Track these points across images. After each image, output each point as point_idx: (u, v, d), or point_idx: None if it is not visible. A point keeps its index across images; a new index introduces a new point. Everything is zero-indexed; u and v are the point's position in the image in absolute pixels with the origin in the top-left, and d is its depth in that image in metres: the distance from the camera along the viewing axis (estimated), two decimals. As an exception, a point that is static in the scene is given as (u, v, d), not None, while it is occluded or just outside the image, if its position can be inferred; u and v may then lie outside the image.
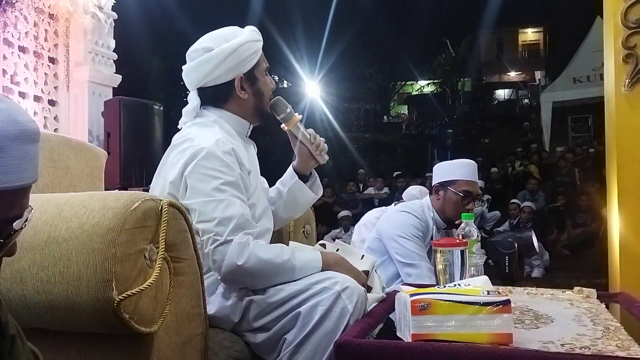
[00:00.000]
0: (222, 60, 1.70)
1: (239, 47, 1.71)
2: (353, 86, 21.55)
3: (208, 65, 1.71)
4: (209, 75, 1.72)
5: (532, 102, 21.99)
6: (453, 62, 23.99)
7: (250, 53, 1.74)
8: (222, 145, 1.63)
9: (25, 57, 5.21)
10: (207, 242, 1.54)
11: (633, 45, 2.21)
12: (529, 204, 7.59)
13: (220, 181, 1.58)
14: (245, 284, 1.59)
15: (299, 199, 1.96)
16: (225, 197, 1.57)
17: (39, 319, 1.30)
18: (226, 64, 1.71)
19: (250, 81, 1.76)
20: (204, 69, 1.72)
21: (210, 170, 1.59)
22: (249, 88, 1.76)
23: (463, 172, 2.51)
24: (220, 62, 1.70)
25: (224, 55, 1.70)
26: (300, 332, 1.52)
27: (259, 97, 1.78)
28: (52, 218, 1.29)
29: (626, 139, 2.22)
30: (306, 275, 1.58)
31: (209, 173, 1.58)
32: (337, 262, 1.66)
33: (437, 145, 14.80)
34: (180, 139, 1.71)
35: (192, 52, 1.76)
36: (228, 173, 1.60)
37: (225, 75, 1.73)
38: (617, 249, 2.22)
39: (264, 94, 1.79)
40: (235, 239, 1.52)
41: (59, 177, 1.87)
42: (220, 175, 1.59)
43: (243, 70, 1.74)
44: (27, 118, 0.83)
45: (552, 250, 7.35)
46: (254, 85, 1.77)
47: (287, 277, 1.57)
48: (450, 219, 2.50)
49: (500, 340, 1.24)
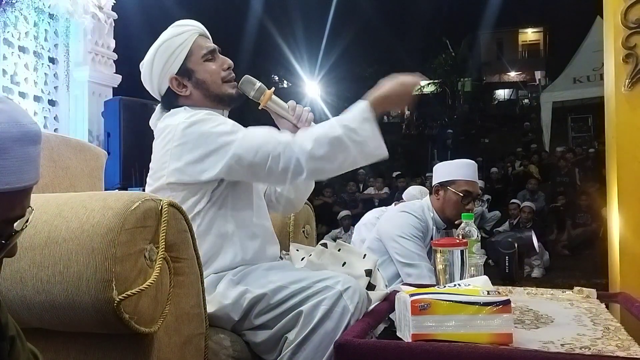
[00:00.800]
0: (150, 70, 1.73)
1: (157, 52, 1.71)
2: (353, 86, 21.50)
3: (145, 78, 1.76)
4: (152, 87, 1.76)
5: (532, 102, 21.99)
6: (453, 62, 23.97)
7: (171, 51, 1.71)
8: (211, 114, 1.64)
9: (25, 57, 5.22)
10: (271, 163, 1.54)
11: (633, 45, 2.21)
12: (529, 204, 7.59)
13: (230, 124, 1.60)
14: (327, 166, 1.57)
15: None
16: (249, 129, 1.59)
17: (39, 319, 1.30)
18: (155, 72, 1.72)
19: (187, 76, 1.73)
20: (146, 83, 1.77)
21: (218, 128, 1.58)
22: (188, 83, 1.73)
23: (463, 172, 2.51)
24: (151, 72, 1.73)
25: (150, 65, 1.73)
26: (301, 331, 1.51)
27: (204, 86, 1.73)
28: (52, 218, 1.29)
29: (626, 139, 2.22)
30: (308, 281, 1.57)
31: (218, 130, 1.58)
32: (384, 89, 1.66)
33: (437, 145, 14.81)
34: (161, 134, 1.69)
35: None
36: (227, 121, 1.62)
37: (162, 81, 1.73)
38: (617, 249, 2.22)
39: (207, 81, 1.73)
40: (282, 144, 1.54)
41: (59, 177, 1.87)
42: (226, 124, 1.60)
43: (174, 70, 1.72)
44: (29, 120, 0.83)
45: (552, 250, 7.35)
46: (191, 78, 1.73)
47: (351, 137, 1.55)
48: (450, 219, 2.50)
49: (500, 340, 1.24)
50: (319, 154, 1.54)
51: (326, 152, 1.54)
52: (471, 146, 14.95)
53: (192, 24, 1.77)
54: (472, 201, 2.48)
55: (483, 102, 24.08)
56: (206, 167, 1.59)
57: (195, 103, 1.74)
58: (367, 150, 1.59)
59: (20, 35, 5.14)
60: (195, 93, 1.74)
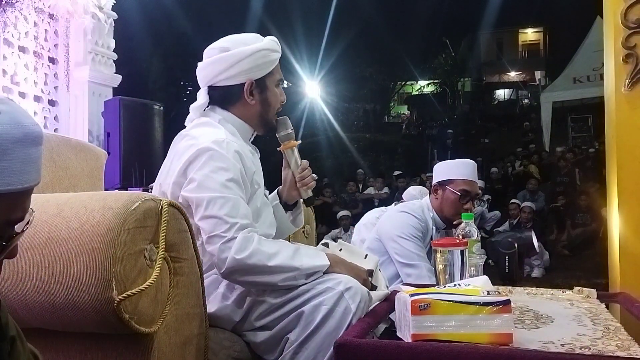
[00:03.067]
0: (236, 62, 1.71)
1: (255, 53, 1.72)
2: (353, 86, 21.52)
3: (222, 64, 1.72)
4: (220, 75, 1.73)
5: (532, 102, 21.99)
6: (453, 62, 23.99)
7: (265, 61, 1.75)
8: (227, 145, 1.63)
9: (25, 57, 5.21)
10: (211, 240, 1.53)
11: (633, 45, 2.21)
12: (529, 204, 7.59)
13: (226, 177, 1.58)
14: (246, 282, 1.57)
15: (277, 222, 1.89)
16: (232, 195, 1.57)
17: (39, 319, 1.30)
18: (239, 66, 1.72)
19: (259, 88, 1.76)
20: (217, 68, 1.73)
21: (216, 167, 1.59)
22: (258, 95, 1.77)
23: (461, 171, 2.51)
24: (234, 64, 1.71)
25: (239, 58, 1.71)
26: (303, 332, 1.52)
27: (266, 106, 1.78)
28: (52, 218, 1.29)
29: (626, 139, 2.22)
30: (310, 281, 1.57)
31: (214, 170, 1.58)
32: (337, 262, 1.65)
33: (437, 145, 14.81)
34: (183, 137, 1.71)
35: (209, 50, 1.77)
36: (232, 170, 1.60)
37: (237, 77, 1.73)
38: (617, 249, 2.22)
39: (271, 104, 1.79)
40: (241, 234, 1.52)
41: (59, 177, 1.87)
42: (225, 172, 1.59)
43: (255, 77, 1.74)
44: (31, 121, 0.83)
45: (552, 250, 7.35)
46: (262, 93, 1.77)
47: (290, 278, 1.55)
48: (448, 218, 2.50)
49: (500, 340, 1.24)
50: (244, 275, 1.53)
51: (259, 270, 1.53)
52: (471, 146, 14.96)
53: (280, 49, 1.82)
54: (470, 200, 2.48)
55: (483, 102, 24.10)
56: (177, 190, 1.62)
57: (246, 114, 1.78)
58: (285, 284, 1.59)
59: (20, 35, 5.14)
60: (256, 107, 1.77)
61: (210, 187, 1.57)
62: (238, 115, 1.78)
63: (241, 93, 1.75)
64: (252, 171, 1.70)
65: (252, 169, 1.71)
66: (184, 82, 16.67)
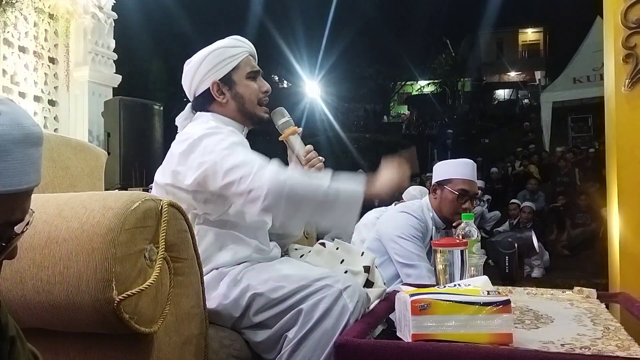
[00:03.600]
0: (196, 69, 1.78)
1: (209, 54, 1.77)
2: (353, 86, 21.55)
3: (188, 76, 1.81)
4: (192, 85, 1.80)
5: (532, 102, 21.99)
6: (453, 62, 24.01)
7: (223, 58, 1.77)
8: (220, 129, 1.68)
9: (25, 57, 5.22)
10: (239, 182, 1.53)
11: (633, 45, 2.21)
12: (529, 204, 7.59)
13: (228, 142, 1.61)
14: (286, 209, 1.54)
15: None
16: (240, 150, 1.59)
17: (39, 319, 1.30)
18: (200, 71, 1.78)
19: (227, 85, 1.79)
20: (187, 80, 1.82)
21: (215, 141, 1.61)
22: (228, 92, 1.79)
23: (459, 171, 2.52)
24: (195, 71, 1.78)
25: (197, 64, 1.78)
26: (301, 330, 1.52)
27: (240, 100, 1.80)
28: (52, 218, 1.29)
29: (626, 139, 2.22)
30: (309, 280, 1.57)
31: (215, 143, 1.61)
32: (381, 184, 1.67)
33: (437, 145, 14.83)
34: (179, 138, 1.73)
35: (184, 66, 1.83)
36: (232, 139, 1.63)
37: (203, 82, 1.78)
38: (617, 249, 2.22)
39: (244, 97, 1.80)
40: (270, 165, 1.54)
41: (59, 177, 1.88)
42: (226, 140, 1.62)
43: (218, 76, 1.78)
44: (31, 122, 0.83)
45: (552, 250, 7.35)
46: (231, 89, 1.79)
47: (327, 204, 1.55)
48: (447, 217, 2.50)
49: (500, 340, 1.24)
50: (286, 191, 1.52)
51: (296, 194, 1.53)
52: (471, 146, 14.97)
53: (247, 43, 1.85)
54: (468, 200, 2.48)
55: (483, 102, 24.11)
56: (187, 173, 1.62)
57: (226, 113, 1.80)
58: (335, 217, 1.60)
59: (20, 35, 5.14)
60: (230, 103, 1.80)
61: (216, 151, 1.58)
62: (221, 114, 1.81)
63: (211, 95, 1.79)
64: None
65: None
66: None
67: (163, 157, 1.78)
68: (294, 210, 1.57)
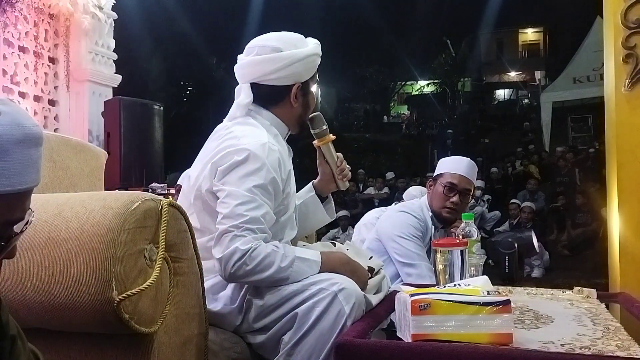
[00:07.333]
0: (288, 65, 1.71)
1: (307, 57, 1.74)
2: (353, 86, 21.53)
3: (273, 64, 1.70)
4: (270, 74, 1.72)
5: (532, 102, 21.97)
6: (453, 62, 23.97)
7: (313, 65, 1.78)
8: (269, 149, 1.63)
9: (25, 57, 5.22)
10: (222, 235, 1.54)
11: (633, 45, 2.21)
12: (529, 204, 7.60)
13: (254, 183, 1.58)
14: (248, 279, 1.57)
15: (310, 215, 1.92)
16: (255, 200, 1.57)
17: (39, 319, 1.30)
18: (291, 69, 1.72)
19: (303, 91, 1.78)
20: (268, 67, 1.71)
21: (248, 172, 1.59)
22: (301, 97, 1.78)
23: (451, 166, 2.55)
24: (287, 66, 1.71)
25: (292, 60, 1.71)
26: (296, 333, 1.52)
27: (306, 109, 1.81)
28: (52, 218, 1.29)
29: (626, 139, 2.22)
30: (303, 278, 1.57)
31: (246, 174, 1.59)
32: (342, 263, 1.65)
33: (437, 145, 14.83)
34: (225, 134, 1.70)
35: (257, 47, 1.74)
36: (263, 176, 1.60)
37: (286, 79, 1.73)
38: (617, 249, 2.22)
39: (310, 107, 1.82)
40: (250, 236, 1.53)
41: (59, 177, 1.87)
42: (256, 178, 1.59)
43: (302, 79, 1.76)
44: (31, 122, 0.83)
45: (552, 250, 7.36)
46: (305, 95, 1.79)
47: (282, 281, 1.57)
48: (435, 212, 2.51)
49: (500, 340, 1.24)
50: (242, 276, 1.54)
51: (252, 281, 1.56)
52: (471, 146, 14.95)
53: None
54: (456, 194, 2.48)
55: (483, 102, 24.08)
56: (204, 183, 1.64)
57: (288, 116, 1.79)
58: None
59: (20, 35, 5.14)
60: (297, 109, 1.79)
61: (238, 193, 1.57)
62: (278, 116, 1.78)
63: (287, 95, 1.75)
64: (288, 172, 1.71)
65: (289, 173, 1.72)
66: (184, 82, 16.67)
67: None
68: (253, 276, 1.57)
